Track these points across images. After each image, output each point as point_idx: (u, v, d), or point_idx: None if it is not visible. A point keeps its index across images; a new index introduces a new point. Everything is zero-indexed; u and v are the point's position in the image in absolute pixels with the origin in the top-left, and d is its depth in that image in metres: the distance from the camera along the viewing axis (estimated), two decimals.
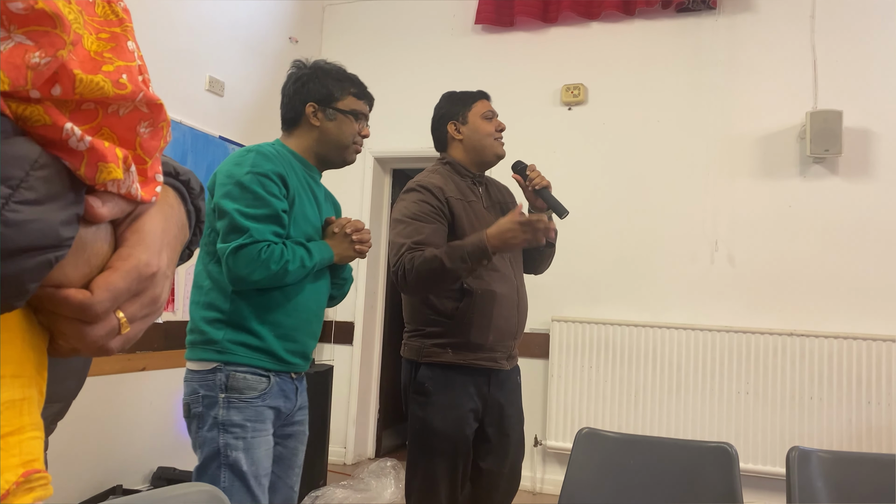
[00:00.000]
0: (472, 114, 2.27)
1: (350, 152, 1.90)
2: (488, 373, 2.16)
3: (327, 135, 1.85)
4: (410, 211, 2.11)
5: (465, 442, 2.12)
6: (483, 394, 2.16)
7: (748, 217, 3.95)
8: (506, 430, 2.22)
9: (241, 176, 1.68)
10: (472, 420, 2.13)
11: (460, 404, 2.11)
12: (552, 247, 2.36)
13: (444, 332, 2.12)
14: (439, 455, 2.09)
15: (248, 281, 1.64)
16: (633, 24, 4.28)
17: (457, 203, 2.16)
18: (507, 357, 2.22)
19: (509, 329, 2.19)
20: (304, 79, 1.85)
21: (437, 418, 2.08)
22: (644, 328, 3.96)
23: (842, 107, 3.75)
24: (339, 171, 2.16)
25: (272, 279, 1.65)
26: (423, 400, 2.11)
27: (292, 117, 1.87)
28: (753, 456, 3.69)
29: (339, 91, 1.85)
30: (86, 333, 0.48)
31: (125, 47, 0.47)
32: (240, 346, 1.69)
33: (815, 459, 1.65)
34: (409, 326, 2.26)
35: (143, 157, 0.50)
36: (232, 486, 1.62)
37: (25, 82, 0.40)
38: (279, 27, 4.46)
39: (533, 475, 4.10)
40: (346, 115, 1.85)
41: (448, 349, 2.11)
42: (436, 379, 2.12)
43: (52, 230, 0.42)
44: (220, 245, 1.67)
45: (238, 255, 1.62)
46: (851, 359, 3.62)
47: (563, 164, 4.22)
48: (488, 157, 2.27)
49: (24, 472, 0.46)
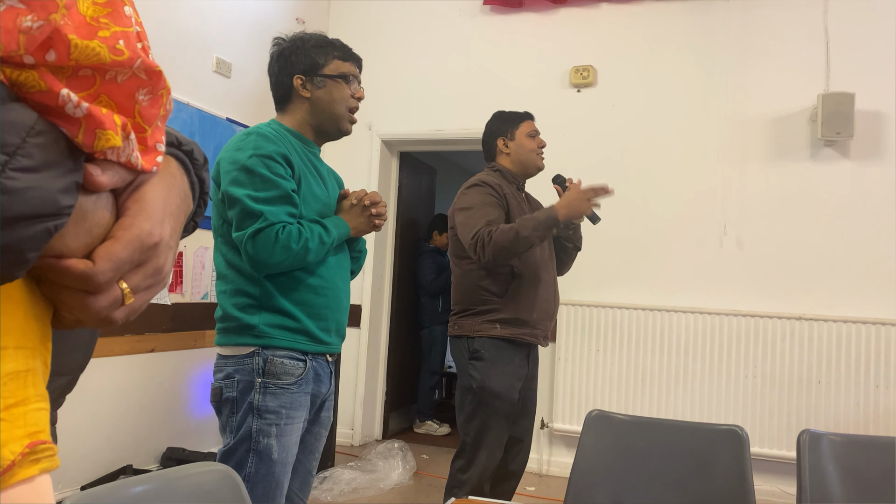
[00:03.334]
0: (518, 132, 2.62)
1: (345, 121, 1.85)
2: (529, 347, 2.51)
3: (319, 104, 1.81)
4: (479, 200, 2.44)
5: (514, 405, 2.45)
6: (525, 366, 2.50)
7: (758, 200, 3.92)
8: (531, 402, 2.59)
9: (245, 160, 1.65)
10: (518, 388, 2.46)
11: (513, 371, 2.44)
12: (579, 250, 2.75)
13: (495, 309, 2.43)
14: (494, 413, 2.40)
15: (270, 264, 1.62)
16: (643, 6, 4.23)
17: (511, 199, 2.51)
18: (545, 336, 2.55)
19: (549, 310, 2.53)
20: (287, 53, 1.83)
21: (495, 380, 2.39)
22: (652, 312, 3.95)
23: (854, 89, 3.70)
24: (347, 154, 2.16)
25: (294, 260, 1.63)
26: (482, 364, 2.41)
27: (282, 94, 1.84)
28: (762, 439, 3.69)
29: (322, 57, 1.81)
30: (89, 304, 0.47)
31: (122, 12, 0.46)
32: (278, 328, 1.67)
33: (825, 442, 1.65)
34: (457, 307, 2.53)
35: (143, 125, 0.49)
36: (258, 472, 1.62)
37: (18, 47, 0.39)
38: (286, 8, 4.43)
39: (539, 457, 4.11)
40: (335, 80, 1.81)
41: (497, 325, 2.42)
42: (491, 348, 2.42)
43: (51, 198, 0.41)
44: (237, 234, 1.64)
45: (256, 240, 1.60)
46: (860, 343, 3.61)
47: (571, 146, 4.19)
48: (531, 170, 2.64)
49: (29, 443, 0.45)
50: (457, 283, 2.55)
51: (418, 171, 5.41)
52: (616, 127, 4.21)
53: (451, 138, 4.53)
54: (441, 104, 4.54)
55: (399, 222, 4.99)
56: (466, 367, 2.44)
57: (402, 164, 5.01)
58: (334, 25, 4.85)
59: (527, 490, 3.77)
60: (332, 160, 1.99)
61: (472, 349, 2.43)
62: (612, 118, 4.22)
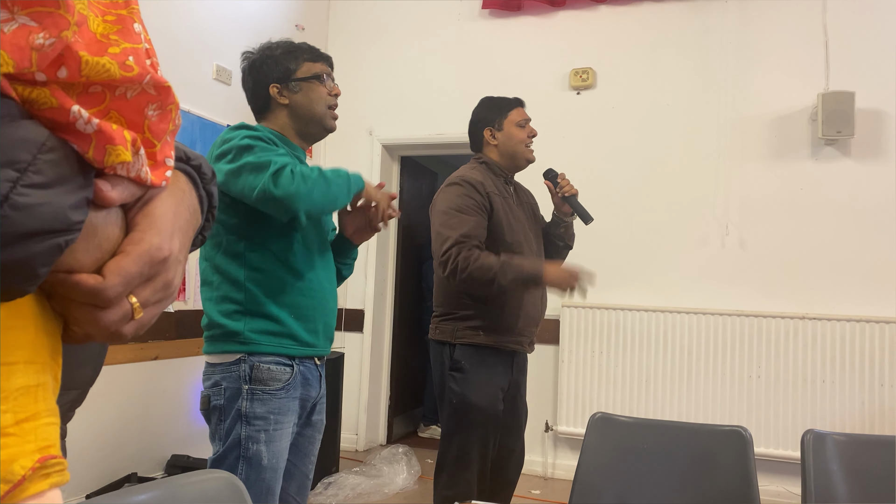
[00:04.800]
0: (507, 121, 2.43)
1: (327, 118, 1.85)
2: (513, 355, 2.36)
3: (299, 108, 1.82)
4: (455, 203, 2.25)
5: (497, 417, 2.29)
6: (508, 374, 2.35)
7: (759, 200, 3.92)
8: (518, 410, 2.42)
9: (238, 141, 1.66)
10: (501, 398, 2.31)
11: (494, 382, 2.29)
12: (570, 248, 2.63)
13: (477, 315, 2.28)
14: (476, 427, 2.25)
15: (301, 196, 1.59)
16: (641, 7, 4.23)
17: (496, 198, 2.32)
18: (530, 342, 2.41)
19: (535, 315, 2.38)
20: (258, 64, 1.83)
21: (474, 393, 2.25)
22: (655, 313, 3.95)
23: (854, 88, 3.71)
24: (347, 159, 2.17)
25: (319, 191, 1.62)
26: (461, 376, 2.27)
27: (261, 105, 1.85)
28: (766, 440, 3.69)
29: (293, 62, 1.82)
30: (99, 318, 0.48)
31: (131, 29, 0.47)
32: (262, 334, 1.68)
33: (829, 442, 1.65)
34: (439, 310, 2.38)
35: (152, 140, 0.50)
36: (248, 479, 1.62)
37: (30, 64, 0.39)
38: (286, 15, 4.44)
39: (544, 460, 4.11)
40: (310, 82, 1.83)
41: (480, 331, 2.27)
42: (471, 358, 2.27)
43: (62, 214, 0.41)
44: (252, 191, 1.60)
45: (277, 180, 1.58)
46: (864, 342, 3.60)
47: (571, 148, 4.20)
48: (520, 162, 2.45)
49: (40, 457, 0.46)
50: (438, 283, 2.39)
51: (419, 175, 5.41)
52: (616, 129, 4.21)
53: (451, 142, 4.53)
54: (441, 108, 4.55)
55: (401, 226, 5.00)
56: (446, 379, 2.30)
57: (403, 168, 5.01)
58: (333, 31, 4.86)
59: (531, 493, 3.76)
60: (333, 164, 2.00)
61: (453, 359, 2.27)
62: (612, 120, 4.23)
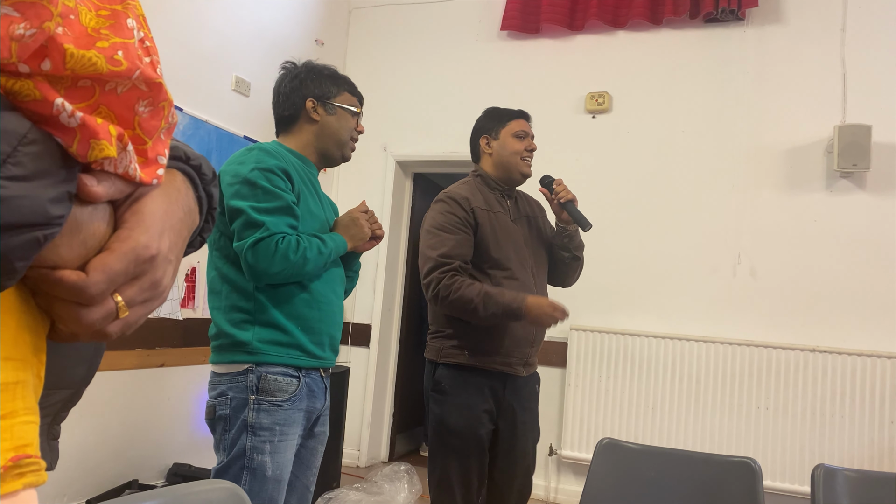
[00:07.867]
0: (504, 131, 2.32)
1: (348, 148, 1.93)
2: (504, 377, 2.21)
3: (328, 129, 1.87)
4: (437, 222, 2.21)
5: (479, 441, 2.16)
6: (498, 397, 2.21)
7: (772, 230, 3.90)
8: (518, 435, 2.25)
9: (247, 173, 1.69)
10: (486, 421, 2.18)
11: (474, 404, 2.16)
12: (579, 259, 2.43)
13: (461, 334, 2.18)
14: (453, 451, 2.15)
15: (269, 274, 1.64)
16: (659, 34, 4.25)
17: (482, 213, 2.22)
18: (524, 364, 2.25)
19: (526, 336, 2.22)
20: (301, 76, 1.88)
21: (452, 416, 2.15)
22: (663, 339, 3.92)
23: (871, 121, 3.69)
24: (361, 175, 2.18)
25: (292, 270, 1.66)
26: (441, 398, 2.17)
27: (291, 114, 1.88)
28: (773, 472, 3.63)
29: (335, 88, 1.89)
30: (82, 316, 0.47)
31: (124, 24, 0.46)
32: (270, 344, 1.69)
33: (840, 478, 1.62)
34: (431, 328, 2.31)
35: (143, 137, 0.49)
36: (252, 490, 1.62)
37: (10, 54, 0.39)
38: (305, 29, 4.49)
39: (547, 484, 4.07)
40: (345, 111, 1.89)
41: (465, 351, 2.17)
42: (452, 379, 2.17)
43: (41, 207, 0.41)
44: (237, 243, 1.67)
45: (256, 248, 1.63)
46: (875, 377, 3.56)
47: (586, 172, 4.19)
48: (514, 175, 2.32)
49: (13, 456, 0.44)
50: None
51: (432, 192, 5.42)
52: (631, 153, 4.21)
53: (465, 160, 4.50)
54: (456, 127, 4.56)
55: (411, 243, 5.00)
56: (429, 399, 2.22)
57: (416, 185, 5.03)
58: (353, 46, 4.91)
59: None
60: (347, 180, 2.02)
61: (435, 379, 2.20)
62: (627, 145, 4.23)
